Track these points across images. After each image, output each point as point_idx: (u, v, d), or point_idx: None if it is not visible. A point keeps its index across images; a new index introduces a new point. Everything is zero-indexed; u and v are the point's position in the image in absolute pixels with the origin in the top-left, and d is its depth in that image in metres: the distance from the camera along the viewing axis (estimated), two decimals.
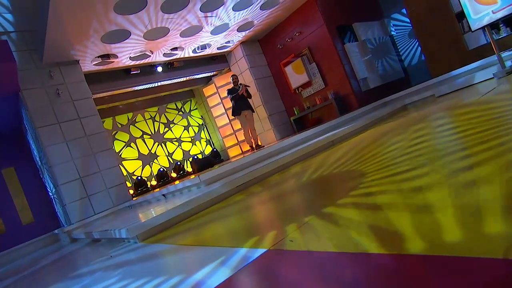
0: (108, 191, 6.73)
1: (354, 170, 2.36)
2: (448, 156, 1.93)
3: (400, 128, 3.88)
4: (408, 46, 9.81)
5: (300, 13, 8.80)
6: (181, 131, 11.54)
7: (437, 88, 5.81)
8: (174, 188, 5.10)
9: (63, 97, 6.70)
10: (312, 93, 9.24)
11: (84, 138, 6.74)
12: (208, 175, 4.22)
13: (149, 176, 10.36)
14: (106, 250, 3.50)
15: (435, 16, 6.84)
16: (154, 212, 3.62)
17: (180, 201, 3.95)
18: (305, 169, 3.39)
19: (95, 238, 4.21)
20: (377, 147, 3.10)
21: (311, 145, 4.52)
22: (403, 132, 3.47)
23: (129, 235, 2.93)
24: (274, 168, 4.03)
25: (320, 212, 1.69)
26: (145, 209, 5.03)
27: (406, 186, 1.66)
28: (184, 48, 8.48)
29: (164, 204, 4.57)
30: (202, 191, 4.10)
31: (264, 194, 2.99)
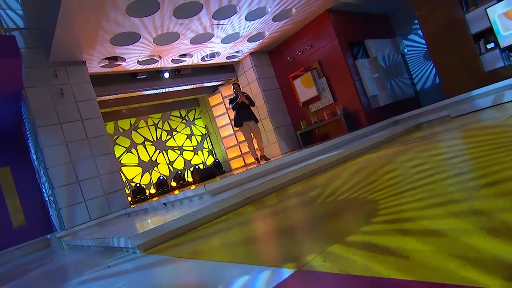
0: (106, 197, 6.54)
1: (373, 193, 2.20)
2: (473, 181, 1.78)
3: (422, 148, 3.74)
4: (419, 66, 9.77)
5: (312, 26, 8.79)
6: (183, 139, 11.41)
7: (452, 108, 5.70)
8: (174, 198, 4.92)
9: (67, 97, 6.58)
10: (320, 108, 9.14)
11: (85, 140, 6.59)
12: (213, 185, 4.05)
13: (148, 183, 10.17)
14: (102, 259, 3.30)
15: (452, 36, 6.80)
16: (156, 222, 3.44)
17: (182, 211, 3.77)
18: (319, 186, 3.22)
19: (91, 246, 4.01)
20: (396, 168, 2.95)
21: (323, 160, 4.37)
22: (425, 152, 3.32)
23: (130, 245, 2.75)
24: (283, 182, 3.86)
25: (344, 240, 1.52)
26: (145, 218, 4.83)
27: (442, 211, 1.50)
28: (193, 55, 8.43)
29: (165, 213, 4.39)
30: (205, 202, 3.93)
31: (277, 209, 2.82)
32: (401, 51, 9.75)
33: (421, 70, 9.77)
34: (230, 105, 6.71)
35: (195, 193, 4.29)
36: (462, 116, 5.49)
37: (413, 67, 9.91)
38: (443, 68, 7.08)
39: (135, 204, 7.15)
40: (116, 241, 3.17)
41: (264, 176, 4.49)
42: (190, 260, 2.15)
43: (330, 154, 4.60)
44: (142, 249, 2.78)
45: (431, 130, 5.06)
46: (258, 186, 3.60)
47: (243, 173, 4.51)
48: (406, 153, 3.68)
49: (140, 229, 3.28)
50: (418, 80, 9.88)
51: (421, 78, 9.81)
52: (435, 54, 7.14)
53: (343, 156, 4.69)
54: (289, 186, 3.85)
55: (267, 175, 4.57)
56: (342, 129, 8.57)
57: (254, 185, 3.79)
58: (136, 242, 2.71)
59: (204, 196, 4.13)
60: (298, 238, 1.82)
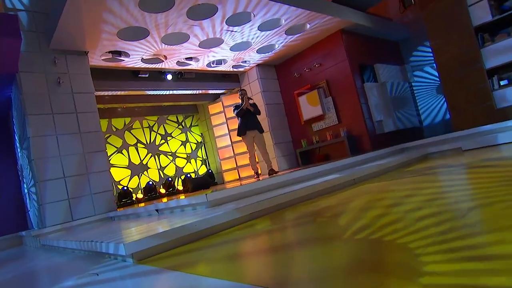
0: (92, 197, 6.18)
1: (406, 236, 1.98)
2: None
3: (440, 179, 3.57)
4: (425, 98, 9.77)
5: (323, 44, 8.75)
6: (177, 145, 11.12)
7: (464, 141, 5.61)
8: (168, 205, 4.63)
9: (63, 87, 6.30)
10: (324, 128, 9.01)
11: (77, 135, 6.28)
12: (214, 195, 3.79)
13: (135, 188, 9.80)
14: (85, 265, 2.99)
15: (465, 69, 6.79)
16: (152, 229, 3.16)
17: (182, 220, 3.50)
18: (334, 212, 3.00)
19: (74, 249, 3.68)
20: (422, 206, 2.75)
21: (332, 180, 4.17)
22: (445, 186, 3.15)
23: (124, 252, 2.46)
24: (290, 200, 3.63)
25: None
26: (134, 223, 4.52)
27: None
28: (199, 60, 8.27)
29: (159, 221, 4.09)
30: (205, 212, 3.67)
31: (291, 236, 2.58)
32: (409, 79, 9.76)
33: (427, 102, 9.77)
34: (235, 111, 6.36)
35: (193, 202, 4.02)
36: (474, 150, 5.39)
37: (419, 97, 9.91)
38: (453, 100, 7.04)
39: (121, 208, 6.80)
40: (105, 246, 2.87)
41: (268, 192, 4.26)
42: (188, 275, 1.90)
43: (339, 175, 4.41)
44: (137, 258, 2.49)
45: (444, 161, 4.92)
46: (263, 202, 3.36)
47: (245, 186, 4.27)
48: (422, 184, 3.51)
49: (132, 235, 3.00)
50: (423, 111, 9.87)
51: (427, 109, 9.80)
52: (447, 85, 7.11)
53: (352, 179, 4.50)
54: (297, 205, 3.62)
55: (271, 190, 4.34)
56: (345, 151, 8.42)
57: (258, 200, 3.55)
58: (131, 249, 2.43)
59: (203, 207, 3.86)
60: None
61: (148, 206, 5.19)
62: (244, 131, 6.23)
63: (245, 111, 6.26)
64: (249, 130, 6.23)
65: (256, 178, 6.08)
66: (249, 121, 6.24)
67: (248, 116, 6.23)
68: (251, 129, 6.24)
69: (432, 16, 7.14)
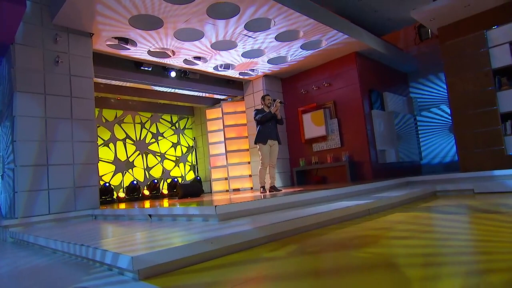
0: (74, 191, 5.68)
1: None
2: None
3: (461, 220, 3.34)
4: (430, 135, 9.74)
5: (335, 64, 8.61)
6: (168, 146, 10.67)
7: (475, 183, 5.47)
8: (166, 211, 4.23)
9: (61, 67, 5.85)
10: (325, 149, 8.78)
11: (69, 120, 5.81)
12: (225, 208, 3.43)
13: (118, 185, 9.25)
14: (72, 274, 2.56)
15: (478, 110, 6.73)
16: (158, 241, 2.77)
17: (186, 232, 3.12)
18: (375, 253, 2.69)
19: (54, 249, 3.22)
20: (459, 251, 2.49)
21: (349, 208, 3.89)
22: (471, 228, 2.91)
23: (127, 265, 2.07)
24: (309, 224, 3.32)
25: None
26: (123, 228, 4.08)
27: None
28: (207, 61, 7.95)
29: (155, 228, 3.69)
30: (212, 226, 3.31)
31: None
32: (414, 112, 9.73)
33: (430, 139, 9.74)
34: (257, 116, 5.64)
35: (199, 212, 3.63)
36: (487, 194, 5.24)
37: (422, 133, 9.87)
38: (463, 140, 6.95)
39: (105, 206, 6.29)
40: (100, 254, 2.47)
41: (278, 211, 3.93)
42: None
43: (355, 203, 4.13)
44: (143, 275, 2.10)
45: (457, 201, 4.73)
46: (280, 224, 3.03)
47: (258, 201, 3.92)
48: (444, 222, 3.28)
49: (134, 246, 2.60)
50: (425, 148, 9.83)
51: (429, 147, 9.76)
52: (458, 124, 7.03)
53: (367, 209, 4.23)
54: (317, 231, 3.30)
55: (281, 210, 4.01)
56: (344, 177, 8.20)
57: (270, 220, 3.22)
58: (139, 264, 2.04)
59: (210, 219, 3.48)
60: None
61: (138, 209, 4.75)
62: (266, 139, 5.56)
63: (271, 116, 5.64)
64: (270, 139, 5.64)
65: (263, 193, 5.67)
66: (273, 130, 5.66)
67: (272, 123, 5.66)
68: (272, 139, 5.66)
69: (451, 52, 7.10)
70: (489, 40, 6.63)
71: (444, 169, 9.38)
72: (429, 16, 6.84)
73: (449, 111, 9.37)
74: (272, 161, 5.68)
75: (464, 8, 6.54)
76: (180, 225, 3.61)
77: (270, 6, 5.83)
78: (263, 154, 5.58)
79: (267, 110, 5.77)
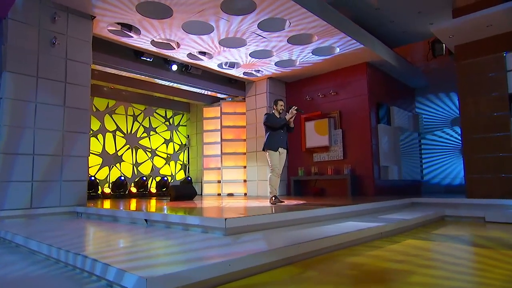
0: (61, 185, 5.37)
1: None
2: None
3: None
4: (434, 154, 9.72)
5: (344, 73, 8.49)
6: (159, 143, 10.38)
7: (488, 211, 5.38)
8: (162, 218, 3.98)
9: (57, 50, 5.54)
10: (326, 160, 8.64)
11: (61, 108, 5.49)
12: (235, 221, 3.21)
13: (103, 180, 8.92)
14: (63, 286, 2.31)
15: (491, 135, 6.68)
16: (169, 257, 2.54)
17: (188, 245, 2.89)
18: None
19: (47, 255, 2.94)
20: None
21: (364, 230, 3.72)
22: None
23: (134, 286, 1.85)
24: (330, 246, 3.13)
25: None
26: (114, 233, 3.82)
27: None
28: (213, 58, 7.73)
29: (150, 235, 3.45)
30: (219, 240, 3.10)
31: None
32: (419, 130, 9.69)
33: (433, 158, 9.71)
34: (268, 121, 5.41)
35: (204, 223, 3.40)
36: (499, 224, 5.16)
37: (425, 152, 9.84)
38: (472, 164, 6.89)
39: (90, 203, 5.99)
40: (101, 268, 2.23)
41: (292, 227, 3.73)
42: None
43: (367, 225, 3.97)
44: None
45: (471, 230, 4.63)
46: (299, 246, 2.83)
47: (270, 215, 3.71)
48: (468, 255, 3.14)
49: (135, 259, 2.36)
50: (426, 166, 9.80)
51: (430, 166, 9.73)
52: (468, 147, 6.97)
53: (379, 233, 4.08)
54: (332, 255, 3.12)
55: (294, 225, 3.82)
56: (344, 191, 8.07)
57: (290, 238, 3.03)
58: (152, 286, 1.82)
59: (214, 232, 3.26)
60: None
61: (132, 212, 4.49)
62: (277, 147, 5.36)
63: (285, 124, 5.40)
64: (281, 147, 5.43)
65: (275, 203, 5.36)
66: (284, 137, 5.46)
67: (283, 131, 5.46)
68: (283, 147, 5.45)
69: (467, 73, 7.04)
70: (507, 63, 6.60)
71: (444, 190, 9.36)
72: (449, 32, 6.78)
73: (452, 132, 9.37)
74: (279, 170, 5.46)
75: (485, 28, 6.49)
76: (181, 235, 3.38)
77: (289, 7, 5.65)
78: (273, 161, 5.33)
79: (277, 115, 5.53)
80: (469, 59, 7.08)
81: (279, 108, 5.58)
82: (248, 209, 4.80)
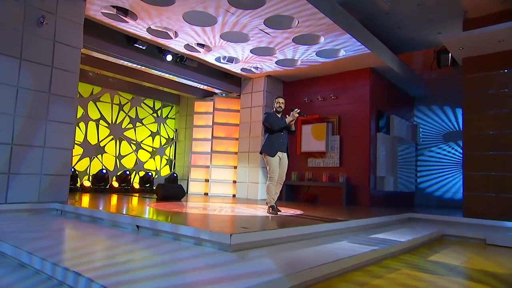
0: (40, 178, 5.08)
1: None
2: None
3: None
4: (431, 167, 9.79)
5: (346, 77, 8.41)
6: (145, 135, 10.10)
7: (489, 233, 5.40)
8: (157, 226, 3.79)
9: (45, 30, 5.23)
10: (321, 166, 8.57)
11: (46, 95, 5.20)
12: (242, 237, 3.06)
13: (83, 171, 8.60)
14: None
15: (494, 153, 6.73)
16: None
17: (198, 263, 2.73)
18: None
19: (31, 266, 2.72)
20: None
21: (367, 253, 3.63)
22: None
23: None
24: (338, 270, 3.03)
25: None
26: (106, 239, 3.61)
27: None
28: (212, 50, 7.50)
29: (145, 246, 3.26)
30: (224, 256, 2.96)
31: None
32: (416, 140, 9.73)
33: (428, 172, 9.79)
34: (267, 121, 5.09)
35: (201, 236, 3.23)
36: (500, 247, 5.17)
37: (421, 163, 9.91)
38: (471, 182, 6.94)
39: (74, 200, 5.71)
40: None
41: (294, 242, 3.61)
42: None
43: (371, 248, 3.87)
44: None
45: (474, 254, 4.61)
46: (313, 270, 2.71)
47: (276, 231, 3.55)
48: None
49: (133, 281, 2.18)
50: (420, 175, 9.88)
51: (424, 177, 9.81)
52: (468, 163, 7.02)
53: (384, 254, 4.00)
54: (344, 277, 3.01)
55: (296, 241, 3.69)
56: (338, 200, 8.02)
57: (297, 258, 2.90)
58: None
59: (215, 246, 3.10)
60: None
61: (120, 216, 4.27)
62: (275, 151, 5.03)
63: (285, 127, 5.10)
64: (280, 151, 5.09)
65: (272, 214, 5.12)
66: (284, 140, 5.14)
67: (284, 133, 5.13)
68: (282, 151, 5.13)
69: (473, 87, 7.07)
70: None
71: (436, 202, 9.46)
72: (459, 44, 6.77)
73: (448, 148, 9.46)
74: (281, 176, 5.21)
75: (497, 42, 6.51)
76: (176, 247, 3.20)
77: (300, 5, 5.50)
78: (272, 167, 5.03)
79: (278, 115, 5.29)
80: (476, 73, 7.10)
81: (277, 106, 5.21)
82: (247, 219, 4.65)
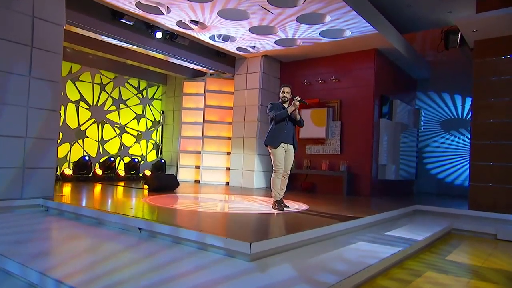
0: (23, 172, 4.80)
1: None
2: None
3: None
4: (432, 154, 9.86)
5: (350, 58, 8.23)
6: (130, 118, 9.76)
7: (500, 228, 5.45)
8: (163, 230, 3.61)
9: (22, 4, 4.82)
10: (320, 154, 8.49)
11: (26, 78, 4.84)
12: (263, 245, 2.92)
13: (62, 158, 8.26)
14: None
15: (503, 143, 6.76)
16: None
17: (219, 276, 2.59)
18: None
19: (27, 280, 2.52)
20: None
21: (387, 258, 3.58)
22: None
23: None
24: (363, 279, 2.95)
25: None
26: (102, 243, 3.42)
27: None
28: (206, 28, 7.15)
29: (149, 253, 3.10)
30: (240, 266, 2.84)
31: None
32: (419, 125, 9.74)
33: (430, 159, 9.86)
34: (271, 112, 5.01)
35: (217, 243, 3.07)
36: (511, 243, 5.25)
37: (422, 150, 9.97)
38: (478, 172, 6.97)
39: (62, 195, 5.45)
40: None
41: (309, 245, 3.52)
42: None
43: (394, 252, 3.81)
44: None
45: (485, 252, 4.65)
46: (343, 283, 2.62)
47: (295, 235, 3.42)
48: None
49: None
50: (423, 166, 9.96)
51: (424, 164, 9.90)
52: (476, 153, 7.03)
53: (403, 256, 3.97)
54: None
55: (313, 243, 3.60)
56: (338, 189, 7.99)
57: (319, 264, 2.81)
58: None
59: (237, 256, 2.95)
60: None
61: (117, 217, 4.07)
62: (279, 142, 4.92)
63: (287, 116, 5.00)
64: (285, 142, 4.99)
65: (278, 210, 4.92)
66: (289, 131, 5.05)
67: (289, 123, 5.05)
68: (287, 142, 5.02)
69: (485, 72, 6.99)
70: None
71: (437, 192, 9.59)
72: (473, 26, 6.63)
73: (451, 137, 9.53)
74: (286, 169, 5.11)
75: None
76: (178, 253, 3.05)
77: None
78: (276, 159, 4.92)
79: (286, 105, 5.15)
80: (489, 57, 7.02)
81: (281, 96, 5.12)
82: (256, 220, 4.53)
